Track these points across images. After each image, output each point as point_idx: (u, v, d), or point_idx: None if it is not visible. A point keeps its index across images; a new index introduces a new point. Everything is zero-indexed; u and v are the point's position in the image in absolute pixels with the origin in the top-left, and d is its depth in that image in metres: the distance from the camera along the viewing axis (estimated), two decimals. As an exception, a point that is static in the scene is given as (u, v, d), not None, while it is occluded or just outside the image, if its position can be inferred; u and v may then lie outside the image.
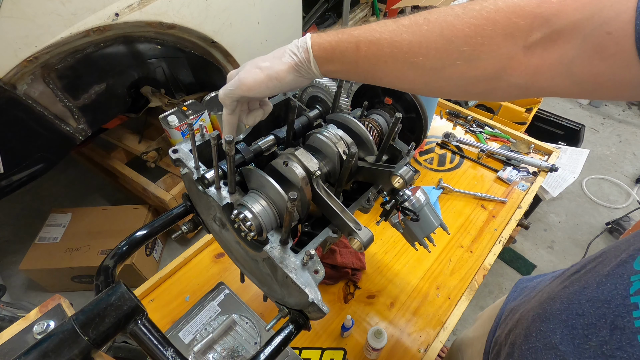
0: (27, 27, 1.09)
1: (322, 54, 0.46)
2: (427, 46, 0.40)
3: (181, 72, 1.82)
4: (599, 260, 0.42)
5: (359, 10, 2.61)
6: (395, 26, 0.42)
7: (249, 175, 0.51)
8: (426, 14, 0.41)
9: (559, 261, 2.01)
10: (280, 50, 0.50)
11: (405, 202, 0.62)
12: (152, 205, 1.93)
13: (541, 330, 0.44)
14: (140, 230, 0.60)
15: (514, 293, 0.68)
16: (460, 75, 0.40)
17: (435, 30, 0.39)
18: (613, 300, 0.36)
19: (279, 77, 0.48)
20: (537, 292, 0.55)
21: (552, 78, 0.37)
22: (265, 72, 0.48)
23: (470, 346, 0.82)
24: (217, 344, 0.83)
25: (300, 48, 0.48)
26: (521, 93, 0.41)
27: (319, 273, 0.47)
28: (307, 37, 0.47)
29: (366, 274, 1.04)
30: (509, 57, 0.37)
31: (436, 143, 1.43)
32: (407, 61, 0.42)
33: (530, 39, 0.36)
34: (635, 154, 2.63)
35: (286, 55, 0.48)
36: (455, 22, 0.38)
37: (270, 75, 0.48)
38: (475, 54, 0.38)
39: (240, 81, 0.49)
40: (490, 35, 0.37)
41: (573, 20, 0.33)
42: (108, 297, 0.42)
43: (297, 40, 0.49)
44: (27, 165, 1.34)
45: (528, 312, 0.50)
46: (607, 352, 0.34)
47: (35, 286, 1.83)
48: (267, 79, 0.48)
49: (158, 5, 1.33)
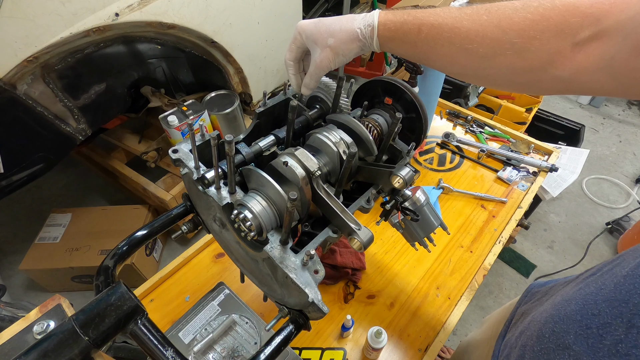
0: (27, 27, 1.09)
1: (386, 34, 0.50)
2: (483, 35, 0.43)
3: (181, 72, 1.82)
4: (617, 262, 0.42)
5: (358, 10, 2.62)
6: (458, 13, 0.45)
7: (249, 175, 0.51)
8: (488, 6, 0.44)
9: (559, 261, 2.01)
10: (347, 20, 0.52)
11: (405, 202, 0.62)
12: (152, 205, 1.93)
13: (554, 331, 0.43)
14: (140, 230, 0.60)
15: (525, 297, 0.67)
16: (508, 64, 0.43)
17: (494, 21, 0.42)
18: (631, 299, 0.35)
19: (345, 53, 0.53)
20: (550, 295, 0.55)
21: (593, 73, 0.39)
22: (334, 51, 0.53)
23: (477, 349, 0.82)
24: (217, 344, 0.83)
25: (367, 25, 0.50)
26: (563, 88, 0.44)
27: (319, 273, 0.47)
28: (374, 14, 0.50)
29: (366, 274, 1.04)
30: (557, 52, 0.40)
31: (436, 143, 1.43)
32: (463, 47, 0.45)
33: (579, 36, 0.38)
34: (635, 154, 2.63)
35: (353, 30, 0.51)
36: (513, 15, 0.41)
37: (337, 53, 0.53)
38: (526, 46, 0.41)
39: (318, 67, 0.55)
40: (542, 30, 0.40)
41: (618, 20, 0.36)
42: (108, 297, 0.42)
43: (366, 16, 0.51)
44: (27, 165, 1.34)
45: (540, 314, 0.50)
46: (622, 350, 0.34)
47: (35, 286, 1.83)
48: (335, 56, 0.53)
49: (158, 5, 1.33)
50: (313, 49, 0.56)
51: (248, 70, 1.82)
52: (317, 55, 0.55)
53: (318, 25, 0.54)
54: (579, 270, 1.93)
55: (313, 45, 0.55)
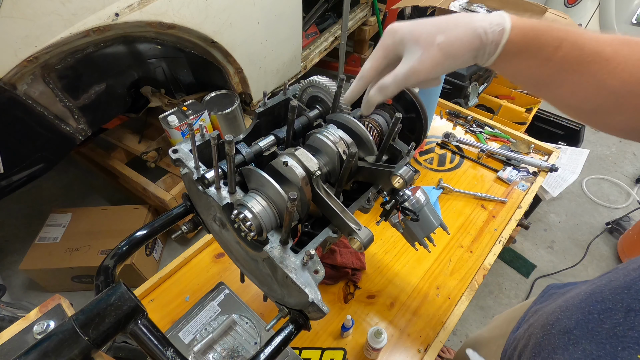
0: (27, 27, 1.09)
1: (519, 41, 0.40)
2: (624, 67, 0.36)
3: (181, 72, 1.82)
4: (632, 260, 0.43)
5: (358, 10, 2.61)
6: (597, 36, 0.38)
7: (249, 175, 0.51)
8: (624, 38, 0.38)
9: (559, 261, 2.01)
10: (463, 17, 0.42)
11: (405, 202, 0.62)
12: (152, 205, 1.93)
13: (558, 319, 0.44)
14: (140, 230, 0.60)
15: (542, 297, 0.67)
16: None
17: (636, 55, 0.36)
18: (633, 286, 0.36)
19: (456, 56, 0.41)
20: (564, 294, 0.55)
21: None
22: (443, 51, 0.41)
23: (485, 346, 0.82)
24: (217, 344, 0.83)
25: (494, 25, 0.40)
26: None
27: (319, 273, 0.47)
28: (504, 15, 0.40)
29: (366, 274, 1.04)
30: None
31: (436, 143, 1.43)
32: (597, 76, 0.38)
33: None
34: (635, 154, 2.63)
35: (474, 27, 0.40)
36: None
37: (449, 55, 0.41)
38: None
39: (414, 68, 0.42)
40: None
41: None
42: (108, 297, 0.42)
43: (491, 15, 0.41)
44: (27, 165, 1.34)
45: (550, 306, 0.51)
46: (619, 333, 0.35)
47: (35, 286, 1.83)
48: (445, 59, 0.41)
49: (158, 5, 1.33)
50: (411, 51, 0.43)
51: (248, 70, 1.82)
52: (417, 56, 0.42)
53: (420, 21, 0.43)
54: (579, 270, 1.94)
55: (412, 45, 0.42)
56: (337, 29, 2.51)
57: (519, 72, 0.43)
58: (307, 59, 2.31)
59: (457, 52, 0.41)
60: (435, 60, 0.41)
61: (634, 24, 2.50)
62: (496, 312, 1.80)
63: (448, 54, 0.41)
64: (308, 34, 2.42)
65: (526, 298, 1.84)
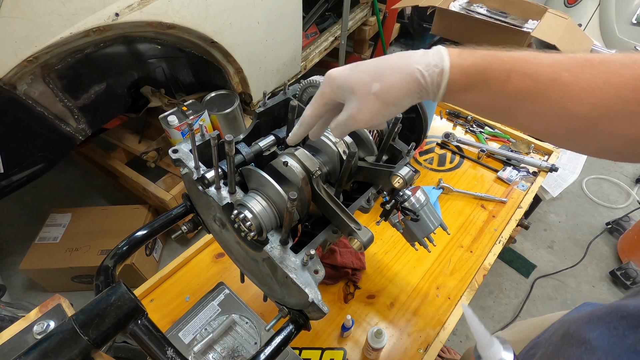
0: (27, 27, 1.09)
1: (461, 80, 0.38)
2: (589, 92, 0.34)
3: (181, 72, 1.82)
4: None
5: (358, 10, 2.61)
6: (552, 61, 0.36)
7: (249, 175, 0.51)
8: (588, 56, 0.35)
9: (559, 261, 2.01)
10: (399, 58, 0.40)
11: (405, 202, 0.62)
12: (152, 205, 1.93)
13: (580, 329, 0.44)
14: (140, 230, 0.60)
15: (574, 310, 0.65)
16: (613, 130, 0.35)
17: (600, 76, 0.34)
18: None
19: (396, 103, 0.40)
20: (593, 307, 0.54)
21: None
22: (380, 99, 0.40)
23: None
24: (217, 344, 0.83)
25: (431, 67, 0.38)
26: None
27: (319, 273, 0.47)
28: (442, 52, 0.38)
29: (366, 274, 1.04)
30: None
31: (436, 143, 1.43)
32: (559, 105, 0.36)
33: None
34: (635, 154, 2.63)
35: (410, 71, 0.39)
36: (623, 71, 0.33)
37: (387, 103, 0.40)
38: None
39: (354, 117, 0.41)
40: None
41: None
42: (108, 297, 0.42)
43: (426, 53, 0.39)
44: (27, 165, 1.34)
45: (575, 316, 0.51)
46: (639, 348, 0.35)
47: (35, 286, 1.83)
48: (384, 107, 0.40)
49: (158, 5, 1.33)
50: (349, 100, 0.42)
51: (248, 70, 1.82)
52: (355, 105, 0.41)
53: (355, 68, 0.42)
54: (579, 270, 1.94)
55: (349, 94, 0.42)
56: (337, 29, 2.50)
57: (472, 105, 0.41)
58: (307, 59, 2.31)
59: (395, 99, 0.40)
60: (373, 109, 0.40)
61: (634, 24, 2.50)
62: (496, 312, 1.80)
63: (387, 102, 0.40)
64: (308, 34, 2.42)
65: (526, 298, 1.84)
